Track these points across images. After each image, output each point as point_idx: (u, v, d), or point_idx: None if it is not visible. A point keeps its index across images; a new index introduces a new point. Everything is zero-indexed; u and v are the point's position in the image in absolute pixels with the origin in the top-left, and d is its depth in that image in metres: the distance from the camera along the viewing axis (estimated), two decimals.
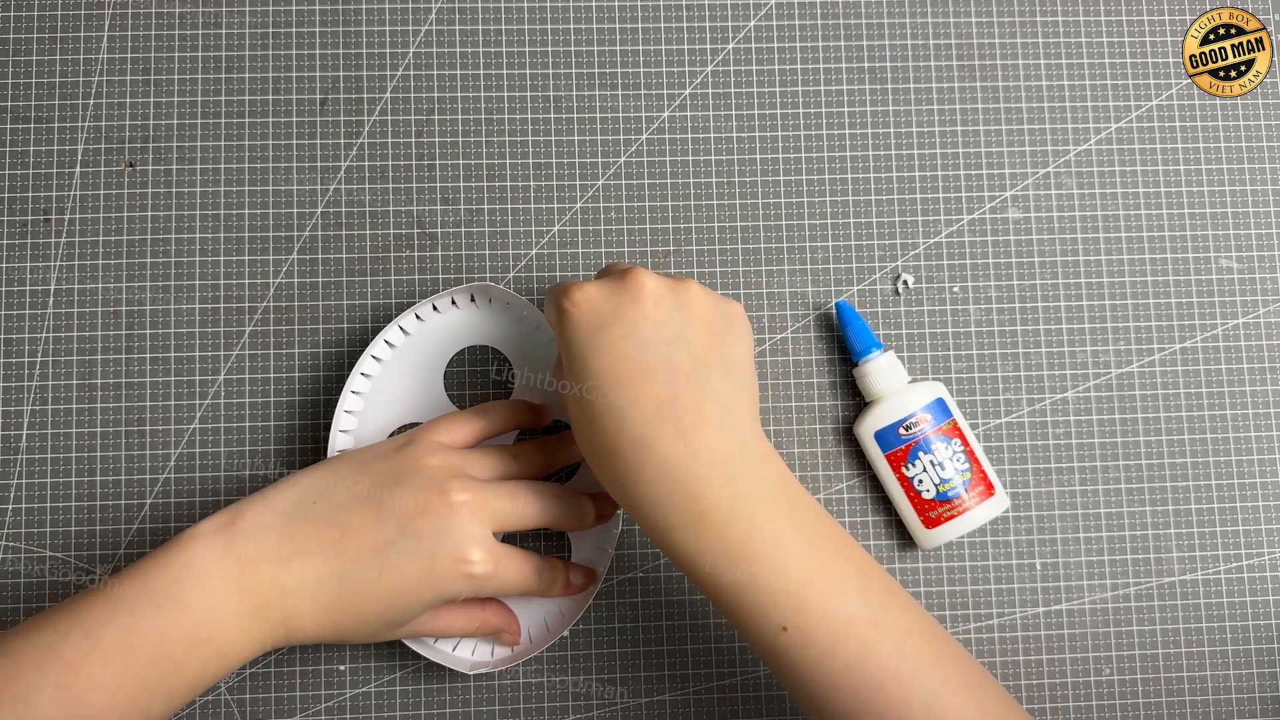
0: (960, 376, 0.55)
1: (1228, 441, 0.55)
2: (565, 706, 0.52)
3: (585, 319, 0.41)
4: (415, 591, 0.42)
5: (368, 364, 0.51)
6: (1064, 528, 0.54)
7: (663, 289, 0.42)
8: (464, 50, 0.55)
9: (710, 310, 0.43)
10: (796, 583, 0.40)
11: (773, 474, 0.42)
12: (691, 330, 0.42)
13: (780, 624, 0.40)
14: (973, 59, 0.56)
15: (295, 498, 0.43)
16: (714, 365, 0.42)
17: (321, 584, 0.42)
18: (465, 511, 0.43)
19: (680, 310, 0.42)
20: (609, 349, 0.41)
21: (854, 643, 0.40)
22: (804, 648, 0.40)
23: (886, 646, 0.40)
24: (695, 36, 0.56)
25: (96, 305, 0.53)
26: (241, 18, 0.55)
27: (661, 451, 0.40)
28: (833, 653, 0.40)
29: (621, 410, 0.40)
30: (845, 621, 0.40)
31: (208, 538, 0.41)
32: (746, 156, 0.55)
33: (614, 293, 0.42)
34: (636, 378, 0.40)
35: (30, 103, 0.54)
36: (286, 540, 0.42)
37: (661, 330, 0.41)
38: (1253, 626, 0.54)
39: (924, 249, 0.55)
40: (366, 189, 0.54)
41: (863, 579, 0.41)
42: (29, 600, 0.52)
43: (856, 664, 0.40)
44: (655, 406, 0.40)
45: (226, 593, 0.40)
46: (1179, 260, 0.56)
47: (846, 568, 0.41)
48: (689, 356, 0.41)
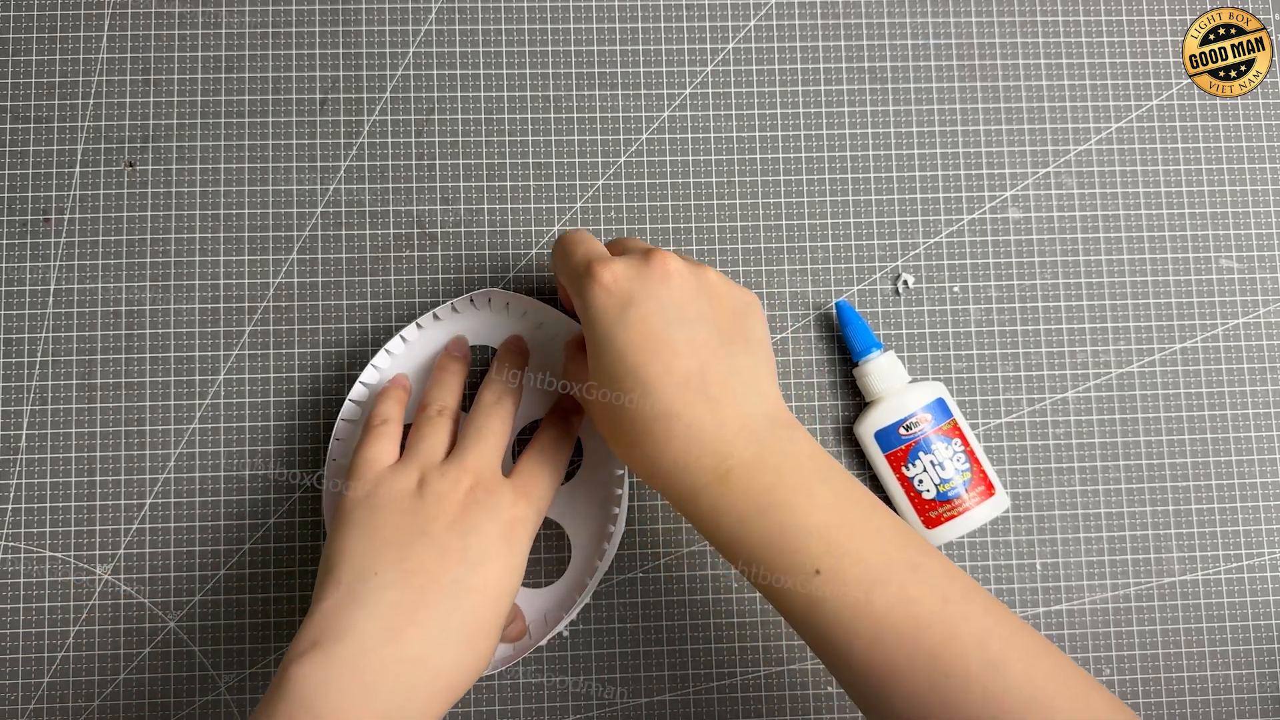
0: (960, 376, 0.55)
1: (1228, 441, 0.55)
2: (565, 706, 0.52)
3: (614, 295, 0.42)
4: (509, 566, 0.43)
5: (368, 373, 0.52)
6: (1064, 528, 0.54)
7: (687, 269, 0.43)
8: (464, 50, 0.55)
9: (729, 293, 0.44)
10: (827, 526, 0.39)
11: (801, 439, 0.42)
12: (714, 309, 0.43)
13: (813, 568, 0.39)
14: (973, 59, 0.56)
15: (354, 586, 0.41)
16: (736, 341, 0.42)
17: (446, 626, 0.41)
18: (481, 489, 0.44)
19: (702, 291, 0.43)
20: (637, 325, 0.41)
21: (894, 587, 0.38)
22: (840, 594, 0.38)
23: (929, 590, 0.38)
24: (695, 36, 0.56)
25: (96, 305, 0.53)
26: (241, 18, 0.55)
27: (689, 419, 0.40)
28: (870, 597, 0.38)
29: (649, 383, 0.41)
30: (882, 564, 0.39)
31: (303, 661, 0.39)
32: (746, 156, 0.55)
33: (639, 271, 0.42)
34: (665, 352, 0.41)
35: (30, 103, 0.54)
36: (386, 619, 0.40)
37: (685, 309, 0.42)
38: (1253, 626, 0.54)
39: (924, 249, 0.55)
40: (366, 189, 0.54)
41: (898, 530, 0.40)
42: (29, 600, 0.52)
43: (898, 608, 0.38)
44: (684, 379, 0.41)
45: (355, 703, 0.38)
46: (1179, 260, 0.56)
47: (881, 519, 0.40)
48: (714, 333, 0.42)
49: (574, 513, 0.52)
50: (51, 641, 0.52)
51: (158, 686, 0.52)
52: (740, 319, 0.43)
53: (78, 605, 0.52)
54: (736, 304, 0.44)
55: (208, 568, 0.52)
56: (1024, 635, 0.39)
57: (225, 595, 0.52)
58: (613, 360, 0.41)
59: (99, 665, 0.52)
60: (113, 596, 0.52)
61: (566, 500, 0.53)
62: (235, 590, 0.52)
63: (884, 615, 0.38)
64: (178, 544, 0.52)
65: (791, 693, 0.53)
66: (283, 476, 0.53)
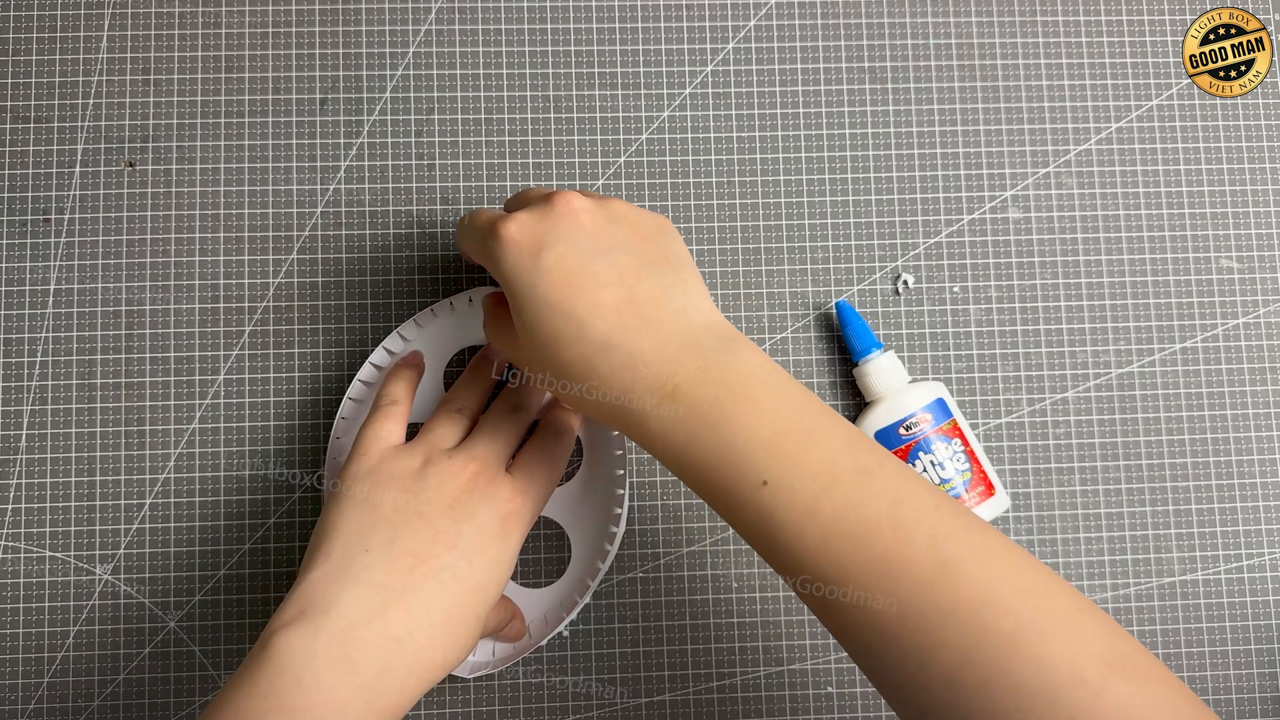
0: (960, 376, 0.55)
1: (1228, 441, 0.55)
2: (565, 706, 0.52)
3: (524, 247, 0.41)
4: (499, 558, 0.43)
5: (366, 370, 0.52)
6: (1064, 528, 0.54)
7: (592, 203, 0.43)
8: (464, 50, 0.55)
9: (640, 218, 0.43)
10: (773, 435, 0.38)
11: (746, 350, 0.41)
12: (629, 235, 0.42)
13: (760, 479, 0.38)
14: (973, 59, 0.56)
15: (343, 560, 0.41)
16: (659, 262, 0.42)
17: (430, 610, 0.41)
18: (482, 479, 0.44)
19: (613, 220, 0.42)
20: (555, 267, 0.41)
21: (841, 491, 0.37)
22: (789, 503, 0.37)
23: (879, 493, 0.37)
24: (695, 36, 0.56)
25: (96, 305, 0.53)
26: (241, 18, 0.55)
27: (629, 345, 0.40)
28: (818, 503, 0.37)
29: (581, 319, 0.40)
30: (830, 469, 0.38)
31: (287, 631, 0.39)
32: (746, 156, 0.55)
33: (544, 216, 0.42)
34: (590, 285, 0.40)
35: (30, 103, 0.54)
36: (373, 596, 0.40)
37: (600, 240, 0.42)
38: (1253, 626, 0.54)
39: (924, 249, 0.55)
40: (366, 189, 0.54)
41: (848, 434, 0.39)
42: (29, 600, 0.52)
43: (847, 512, 0.37)
44: (615, 307, 0.40)
45: (336, 675, 0.38)
46: (1179, 260, 0.56)
47: (830, 424, 0.39)
48: (634, 257, 0.41)
49: (574, 513, 0.52)
50: (51, 641, 0.52)
51: (158, 686, 0.52)
52: (656, 241, 0.43)
53: (78, 605, 0.52)
54: (649, 227, 0.43)
55: (208, 568, 0.52)
56: (979, 534, 0.37)
57: (225, 595, 0.52)
58: (539, 309, 0.41)
59: (99, 665, 0.52)
60: (113, 596, 0.52)
61: (567, 501, 0.53)
62: (235, 590, 0.52)
63: (832, 520, 0.37)
64: (178, 544, 0.52)
65: (791, 693, 0.53)
66: (283, 476, 0.53)
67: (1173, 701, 0.35)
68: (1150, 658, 0.36)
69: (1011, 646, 0.35)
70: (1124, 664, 0.35)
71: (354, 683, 0.38)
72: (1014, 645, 0.35)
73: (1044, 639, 0.35)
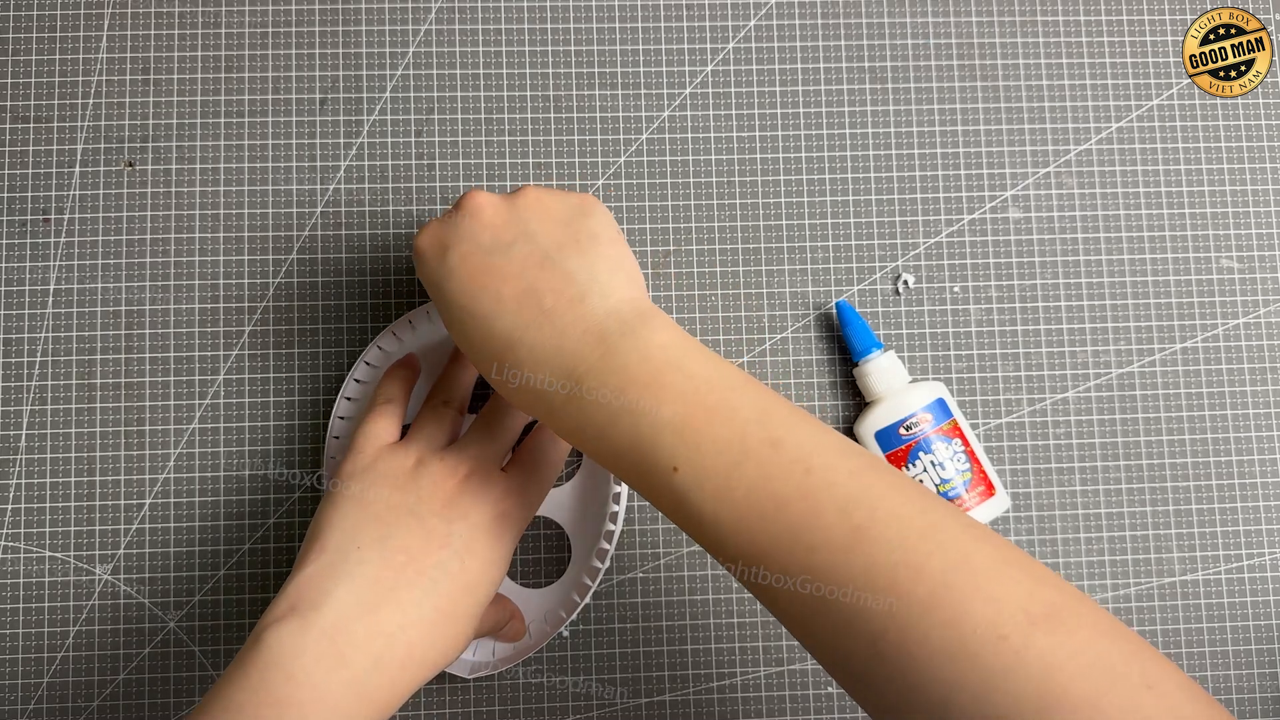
0: (960, 376, 0.55)
1: (1228, 441, 0.55)
2: (565, 706, 0.52)
3: (431, 251, 0.43)
4: (491, 558, 0.43)
5: (361, 370, 0.52)
6: (1064, 528, 0.54)
7: (498, 199, 0.43)
8: (464, 50, 0.55)
9: (555, 203, 0.43)
10: (680, 416, 0.37)
11: (657, 326, 0.40)
12: (536, 224, 0.42)
13: (670, 464, 0.37)
14: (973, 59, 0.56)
15: (335, 557, 0.42)
16: (567, 247, 0.41)
17: (421, 606, 0.41)
18: (475, 480, 0.44)
19: (520, 211, 0.42)
20: (458, 266, 0.41)
21: (752, 466, 0.36)
22: (699, 484, 0.36)
23: (790, 463, 0.36)
24: (695, 36, 0.56)
25: (96, 305, 0.53)
26: (241, 18, 0.55)
27: (531, 340, 0.40)
28: (730, 483, 0.36)
29: (487, 315, 0.41)
30: (739, 446, 0.36)
31: (278, 626, 0.39)
32: (746, 156, 0.55)
33: (448, 219, 0.43)
34: (492, 281, 0.41)
35: (30, 103, 0.54)
36: (364, 592, 0.40)
37: (501, 233, 0.42)
38: (1253, 626, 0.54)
39: (924, 249, 0.55)
40: (366, 189, 0.54)
41: (760, 404, 0.38)
42: (29, 600, 0.52)
43: (759, 487, 0.36)
44: (515, 300, 0.40)
45: (326, 669, 0.38)
46: (1179, 260, 0.56)
47: (741, 396, 0.38)
48: (537, 247, 0.41)
49: (574, 513, 0.52)
50: (51, 641, 0.52)
51: (158, 686, 0.52)
52: (570, 224, 0.42)
53: (78, 605, 0.52)
54: (563, 210, 0.43)
55: (208, 568, 0.52)
56: (897, 494, 0.36)
57: (225, 595, 0.52)
58: (451, 310, 0.42)
59: (99, 665, 0.52)
60: (113, 596, 0.52)
61: (566, 500, 0.53)
62: (235, 590, 0.52)
63: (745, 498, 0.36)
64: (177, 544, 0.52)
65: (791, 693, 0.53)
66: (282, 476, 0.53)
67: (1097, 648, 0.33)
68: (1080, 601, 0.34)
69: (926, 610, 0.33)
70: (1048, 615, 0.33)
71: (344, 677, 0.38)
72: (929, 608, 0.33)
73: (962, 598, 0.33)
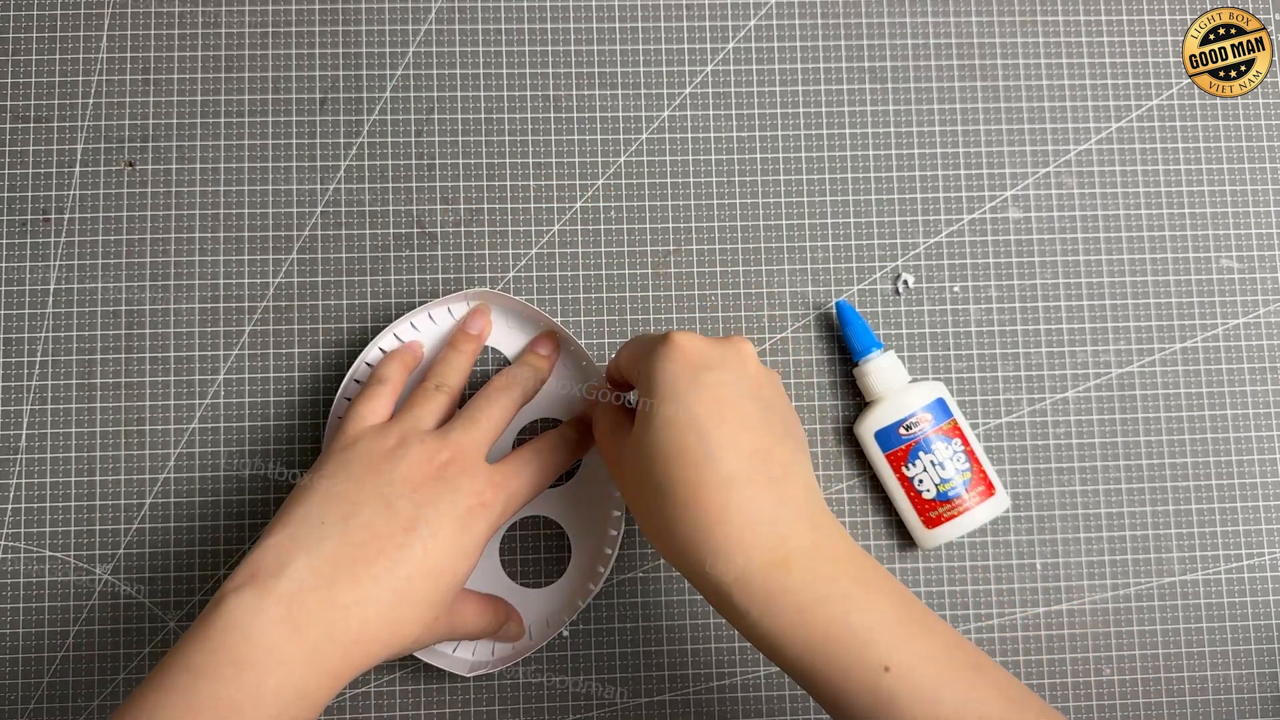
0: (960, 376, 0.55)
1: (1228, 441, 0.55)
2: (565, 706, 0.52)
3: (689, 359, 0.42)
4: (458, 546, 0.43)
5: (361, 370, 0.52)
6: (1064, 528, 0.54)
7: (759, 361, 0.44)
8: (464, 50, 0.55)
9: (786, 400, 0.45)
10: (895, 620, 0.39)
11: (844, 533, 0.42)
12: (780, 401, 0.43)
13: (882, 664, 0.38)
14: (973, 59, 0.56)
15: (299, 530, 0.42)
16: (795, 439, 0.43)
17: (379, 584, 0.41)
18: (454, 468, 0.44)
19: (770, 382, 0.44)
20: (712, 389, 0.41)
21: (962, 686, 0.38)
22: (912, 692, 0.38)
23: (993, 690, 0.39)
24: (695, 36, 0.56)
25: (96, 305, 0.53)
26: (241, 18, 0.55)
27: (751, 494, 0.40)
28: (941, 696, 0.38)
29: (714, 445, 0.40)
30: (947, 662, 0.38)
31: (238, 593, 0.40)
32: (746, 156, 0.55)
33: (717, 344, 0.43)
34: (733, 421, 0.41)
35: (30, 103, 0.54)
36: (322, 565, 0.41)
37: (761, 389, 0.42)
38: (1253, 626, 0.54)
39: (924, 249, 0.55)
40: (366, 189, 0.54)
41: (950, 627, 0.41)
42: (29, 600, 0.52)
43: (967, 708, 0.38)
44: (750, 453, 0.40)
45: (282, 635, 0.39)
46: (1179, 260, 0.56)
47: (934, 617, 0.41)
48: (779, 421, 0.42)
49: (575, 514, 0.52)
50: (51, 641, 0.52)
51: None
52: (795, 424, 0.44)
53: (77, 605, 0.52)
54: (790, 411, 0.44)
55: (208, 568, 0.52)
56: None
57: None
58: (675, 420, 0.41)
59: (99, 665, 0.52)
60: (112, 596, 0.52)
61: (567, 501, 0.53)
62: None
63: (952, 715, 0.38)
64: (177, 544, 0.52)
65: (792, 692, 0.53)
66: (283, 476, 0.53)
67: None
68: None
69: None
70: None
71: (298, 643, 0.39)
72: None
73: None
